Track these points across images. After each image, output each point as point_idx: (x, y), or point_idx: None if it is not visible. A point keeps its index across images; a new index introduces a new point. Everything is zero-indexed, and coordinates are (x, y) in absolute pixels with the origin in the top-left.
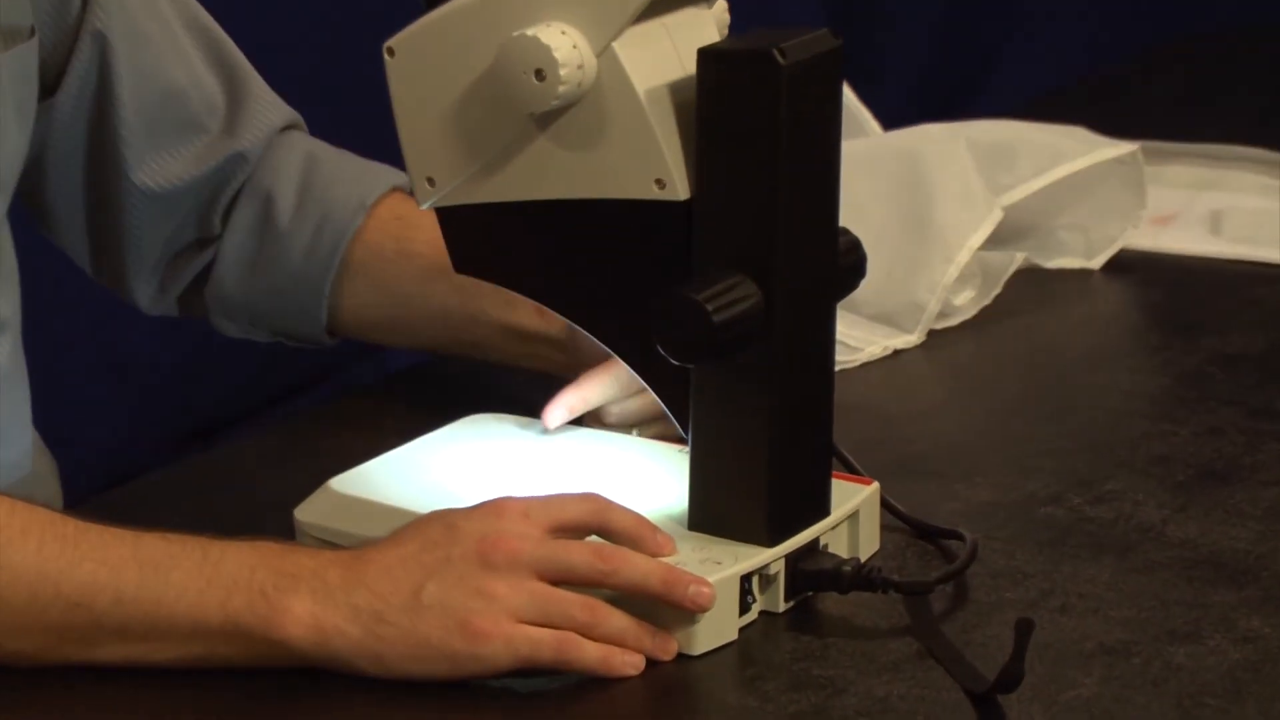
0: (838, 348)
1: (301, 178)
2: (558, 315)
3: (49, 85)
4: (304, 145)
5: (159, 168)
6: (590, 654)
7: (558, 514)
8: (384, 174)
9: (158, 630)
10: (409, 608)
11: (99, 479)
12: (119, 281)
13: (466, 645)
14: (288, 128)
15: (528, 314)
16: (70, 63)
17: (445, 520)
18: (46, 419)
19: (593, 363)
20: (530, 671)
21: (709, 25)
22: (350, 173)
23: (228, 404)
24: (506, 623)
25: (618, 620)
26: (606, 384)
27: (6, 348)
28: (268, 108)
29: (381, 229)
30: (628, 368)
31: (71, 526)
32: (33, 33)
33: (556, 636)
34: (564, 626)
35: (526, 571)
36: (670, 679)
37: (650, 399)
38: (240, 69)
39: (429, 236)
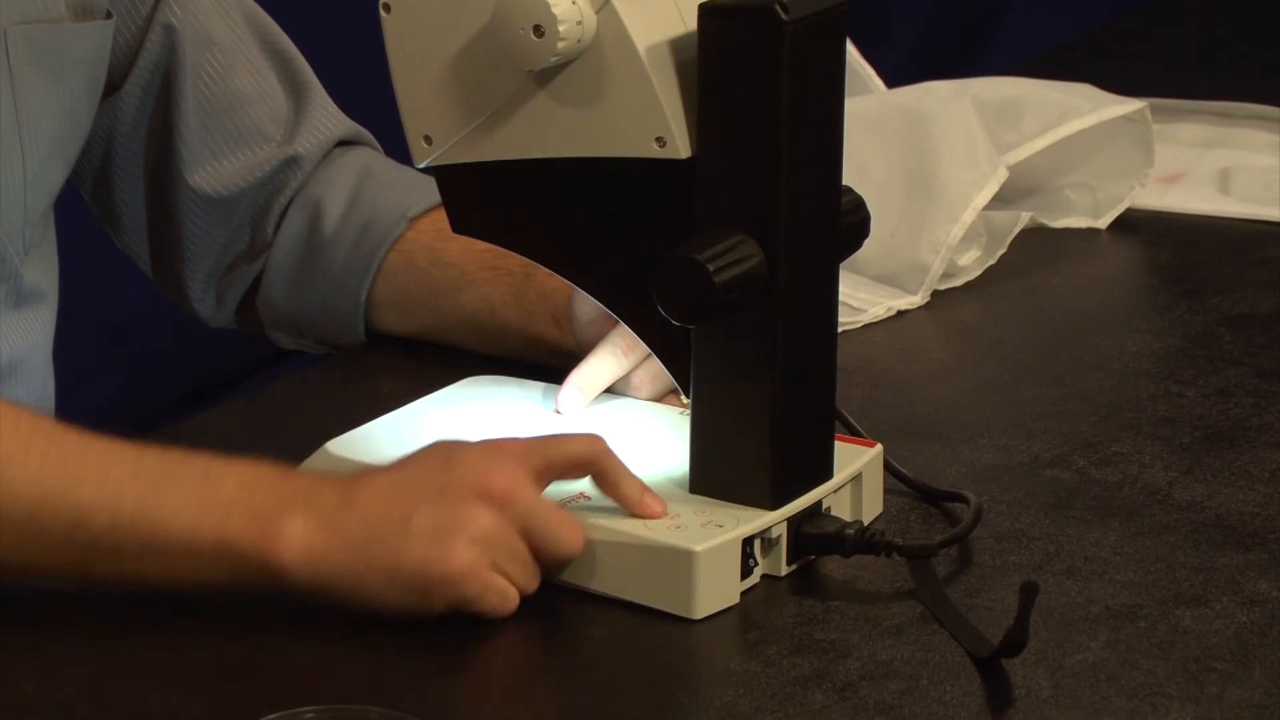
0: (840, 309)
1: (353, 189)
2: (571, 325)
3: (116, 80)
4: (362, 158)
5: (215, 171)
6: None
7: (555, 453)
8: (433, 188)
9: (153, 549)
10: (395, 534)
11: None
12: (178, 290)
13: (440, 584)
14: (350, 142)
15: (546, 325)
16: (139, 54)
17: (444, 451)
18: None
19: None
20: None
21: None
22: (400, 185)
23: (224, 365)
24: (485, 569)
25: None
26: (611, 358)
27: (42, 322)
28: (328, 119)
29: (419, 239)
30: (624, 337)
31: (74, 441)
32: (109, 16)
33: (510, 594)
34: (509, 578)
35: (514, 519)
36: (671, 643)
37: None
38: (307, 83)
39: (461, 247)
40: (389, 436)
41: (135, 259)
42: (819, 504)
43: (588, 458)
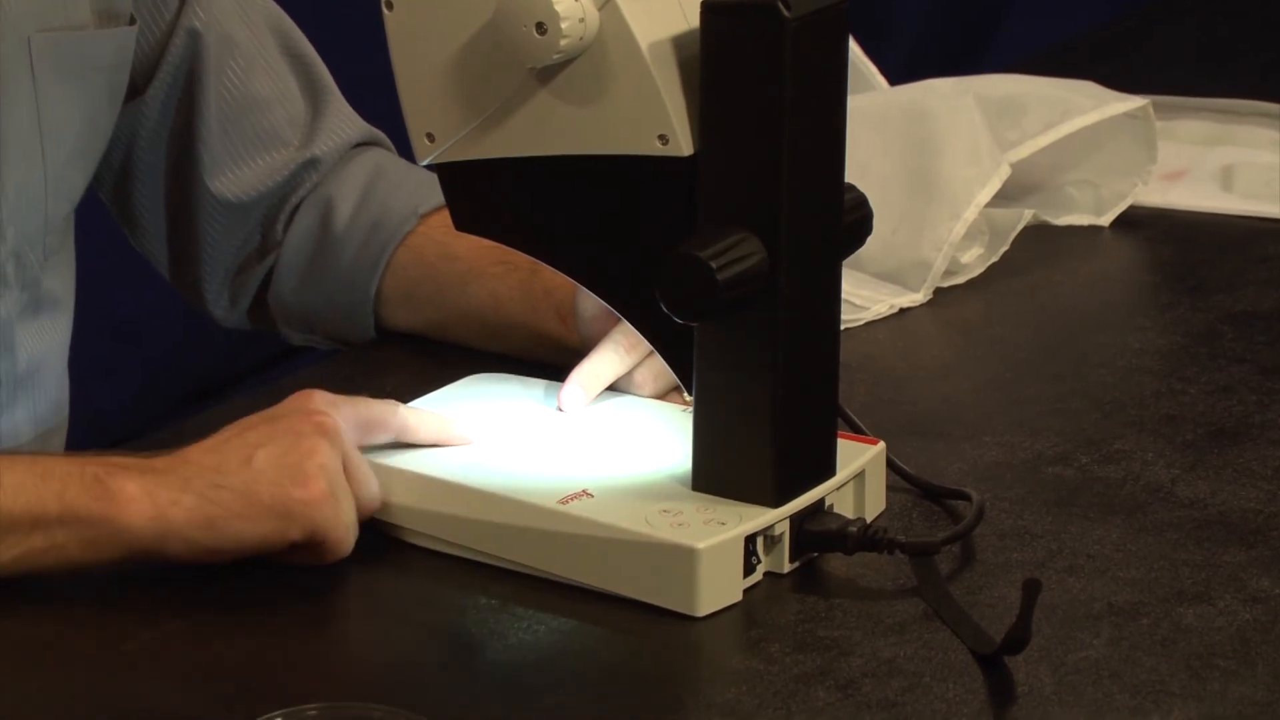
0: (843, 306)
1: (364, 187)
2: (576, 321)
3: (139, 85)
4: (375, 159)
5: (235, 176)
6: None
7: (352, 412)
8: None
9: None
10: (241, 471)
11: (104, 441)
12: (196, 293)
13: (301, 506)
14: (366, 144)
15: (552, 321)
16: (163, 59)
17: (258, 415)
18: None
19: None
20: None
21: None
22: (412, 183)
23: (232, 364)
24: (332, 497)
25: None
26: (614, 356)
27: (59, 329)
28: (344, 123)
29: (428, 234)
30: (626, 335)
31: None
32: (132, 20)
33: (353, 528)
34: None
35: (341, 454)
36: (674, 640)
37: None
38: (325, 87)
39: (470, 242)
40: None
41: (153, 261)
42: (821, 501)
43: (381, 420)
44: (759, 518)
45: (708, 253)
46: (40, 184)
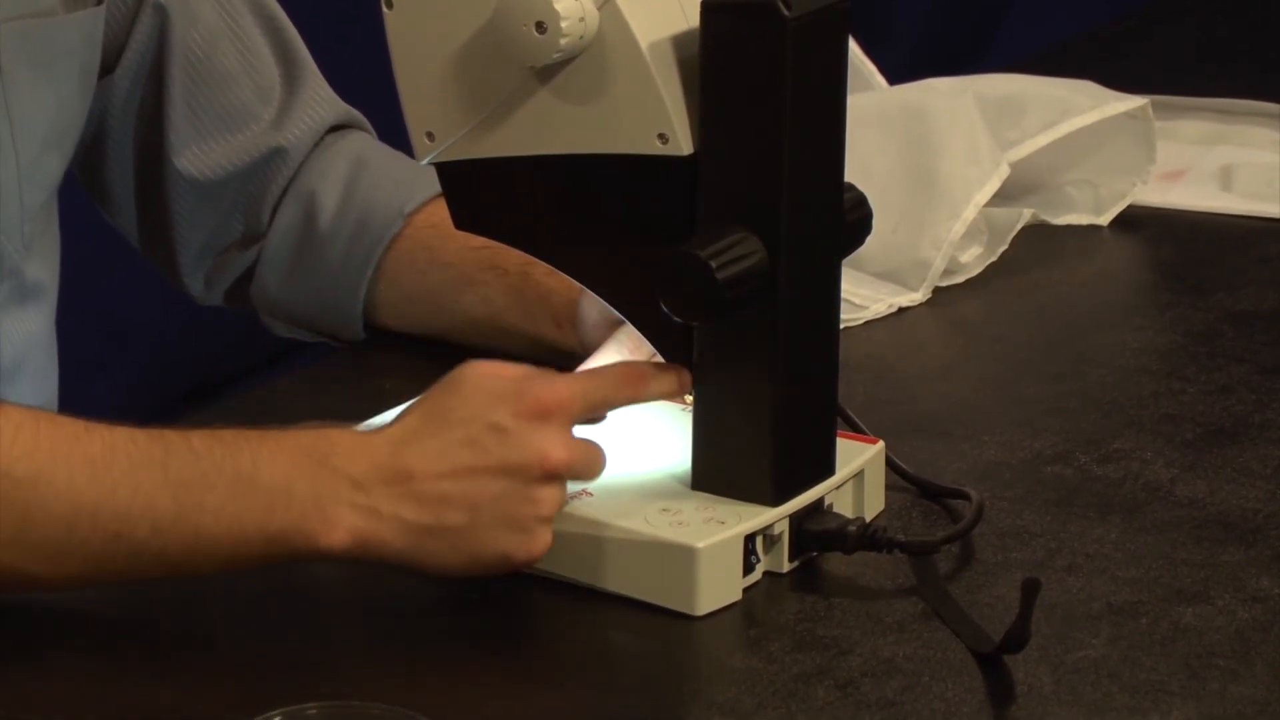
0: (842, 305)
1: (346, 181)
2: (577, 328)
3: (109, 63)
4: (355, 147)
5: (200, 154)
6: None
7: (585, 402)
8: (427, 180)
9: (197, 555)
10: (466, 524)
11: None
12: (169, 268)
13: (525, 563)
14: (343, 126)
15: (548, 326)
16: (130, 36)
17: (490, 419)
18: None
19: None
20: None
21: None
22: (394, 178)
23: (225, 363)
24: (547, 536)
25: None
26: (617, 356)
27: (44, 314)
28: (320, 104)
29: (416, 237)
30: (630, 336)
31: (99, 446)
32: (99, 1)
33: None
34: None
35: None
36: (674, 639)
37: None
38: (300, 63)
39: (459, 246)
40: None
41: (127, 235)
42: (821, 500)
43: (613, 395)
44: (758, 517)
45: (708, 252)
46: (13, 175)
